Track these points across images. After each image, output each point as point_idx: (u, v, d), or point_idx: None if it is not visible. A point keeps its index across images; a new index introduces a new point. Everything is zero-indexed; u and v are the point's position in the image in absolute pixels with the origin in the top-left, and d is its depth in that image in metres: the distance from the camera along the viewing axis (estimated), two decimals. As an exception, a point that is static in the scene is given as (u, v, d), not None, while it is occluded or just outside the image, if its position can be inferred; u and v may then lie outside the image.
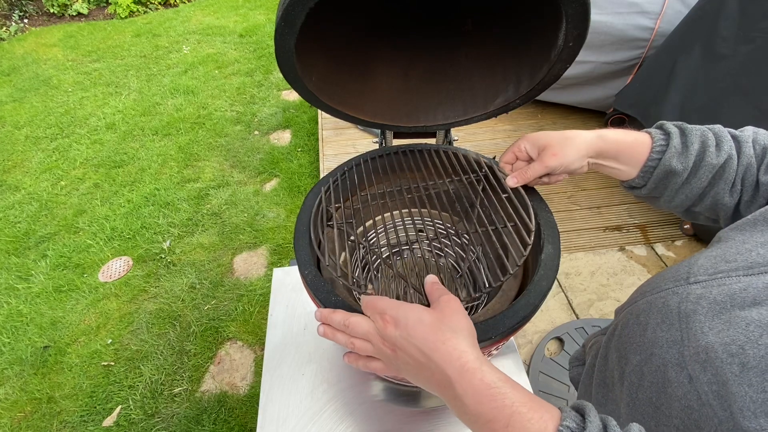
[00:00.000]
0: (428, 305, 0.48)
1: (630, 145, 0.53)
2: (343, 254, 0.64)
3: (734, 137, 0.50)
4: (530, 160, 0.59)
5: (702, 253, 0.43)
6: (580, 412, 0.32)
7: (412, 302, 0.42)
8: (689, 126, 0.51)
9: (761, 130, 0.50)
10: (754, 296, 0.34)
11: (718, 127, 0.52)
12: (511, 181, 0.58)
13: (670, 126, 0.52)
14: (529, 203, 0.57)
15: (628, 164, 0.54)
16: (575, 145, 0.54)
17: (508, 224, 0.56)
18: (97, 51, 3.83)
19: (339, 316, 0.44)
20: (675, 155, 0.50)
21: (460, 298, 0.44)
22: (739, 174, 0.49)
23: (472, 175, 0.64)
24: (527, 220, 0.54)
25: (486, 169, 0.64)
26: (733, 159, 0.49)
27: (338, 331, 0.44)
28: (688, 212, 0.55)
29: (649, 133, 0.53)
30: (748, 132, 0.50)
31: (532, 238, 0.52)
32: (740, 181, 0.49)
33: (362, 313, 0.44)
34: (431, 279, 0.46)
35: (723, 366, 0.33)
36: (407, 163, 0.71)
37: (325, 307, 0.48)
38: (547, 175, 0.58)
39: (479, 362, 0.35)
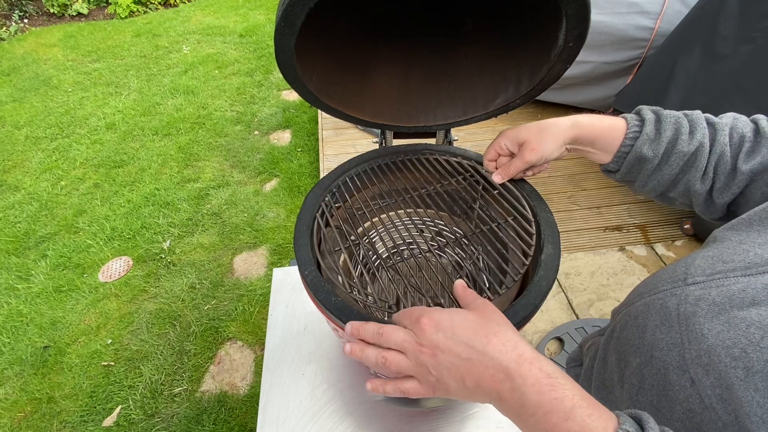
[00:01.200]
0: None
1: (605, 131, 0.53)
2: (343, 255, 0.64)
3: (710, 124, 0.50)
4: (512, 155, 0.60)
5: (698, 254, 0.43)
6: (638, 420, 0.30)
7: (412, 302, 0.42)
8: (665, 112, 0.52)
9: (741, 117, 0.50)
10: (752, 297, 0.34)
11: (696, 113, 0.51)
12: (497, 178, 0.60)
13: (647, 112, 0.53)
14: (520, 195, 0.58)
15: (603, 149, 0.54)
16: (551, 136, 0.54)
17: (509, 218, 0.56)
18: (97, 51, 3.83)
19: (372, 326, 0.41)
20: (647, 142, 0.51)
21: None
22: (711, 162, 0.49)
23: (467, 175, 0.65)
24: (524, 212, 0.55)
25: (471, 170, 0.64)
26: (705, 147, 0.49)
27: (368, 346, 0.40)
28: (662, 197, 0.56)
29: (625, 119, 0.54)
30: (727, 119, 0.50)
31: (534, 228, 0.53)
32: (713, 169, 0.49)
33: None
34: (461, 283, 0.45)
35: (727, 370, 0.33)
36: (404, 166, 0.71)
37: (326, 309, 0.48)
38: (531, 167, 0.59)
39: (535, 353, 0.34)
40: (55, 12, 4.44)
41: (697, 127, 0.49)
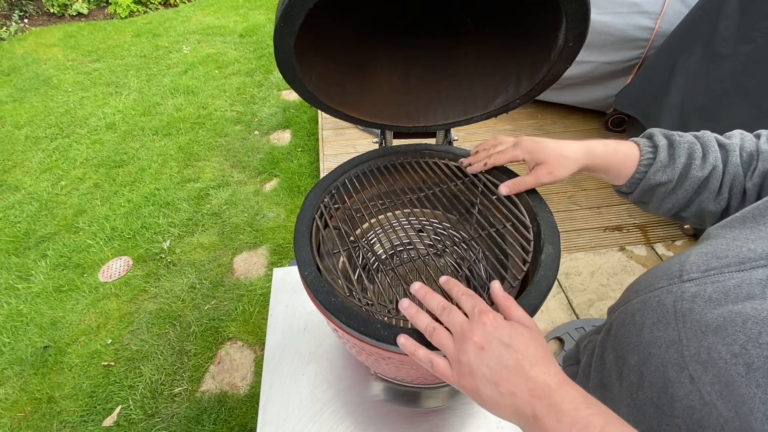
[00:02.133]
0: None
1: (619, 161, 0.53)
2: (342, 257, 0.64)
3: (722, 146, 0.50)
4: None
5: (692, 250, 0.43)
6: None
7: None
8: (678, 137, 0.52)
9: (747, 136, 0.50)
10: (747, 291, 0.34)
11: (706, 135, 0.52)
12: (504, 190, 0.59)
13: (660, 138, 0.53)
14: (518, 201, 0.58)
15: (617, 176, 0.55)
16: (568, 164, 0.54)
17: (507, 224, 0.56)
18: (97, 51, 3.83)
19: (439, 297, 0.42)
20: (660, 169, 0.51)
21: None
22: (725, 183, 0.49)
23: (465, 180, 0.65)
24: (522, 218, 0.55)
25: (470, 175, 0.64)
26: (718, 170, 0.49)
27: (423, 312, 0.42)
28: (676, 216, 0.56)
29: (638, 145, 0.53)
30: (736, 139, 0.50)
31: (532, 234, 0.53)
32: (727, 190, 0.49)
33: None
34: (499, 288, 0.43)
35: (727, 366, 0.33)
36: (403, 168, 0.71)
37: (326, 309, 0.48)
38: None
39: (571, 381, 0.35)
40: (55, 12, 4.44)
41: (709, 151, 0.50)
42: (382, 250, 0.73)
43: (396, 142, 0.78)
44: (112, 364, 1.63)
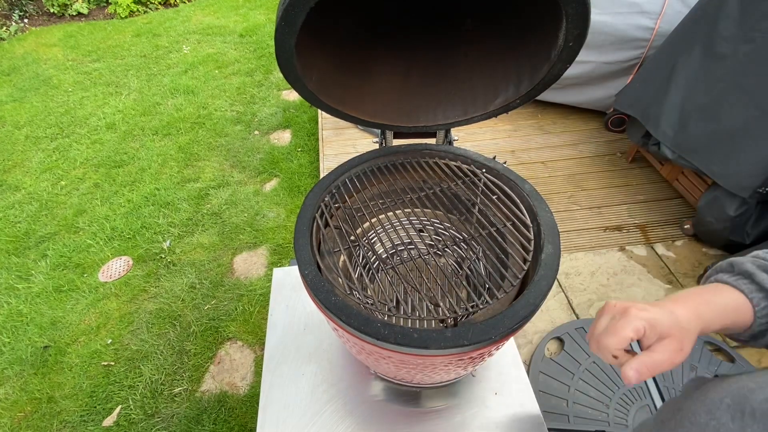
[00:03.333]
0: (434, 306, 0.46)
1: (733, 319, 0.48)
2: (342, 256, 0.64)
3: None
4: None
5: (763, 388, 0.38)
6: None
7: (413, 304, 0.42)
8: None
9: None
10: None
11: None
12: (633, 376, 0.44)
13: (760, 275, 0.48)
14: (519, 201, 0.58)
15: (735, 331, 0.51)
16: (691, 337, 0.47)
17: (507, 223, 0.56)
18: (97, 51, 3.83)
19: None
20: None
21: (459, 297, 0.43)
22: None
23: (466, 179, 0.65)
24: (523, 217, 0.55)
25: (470, 174, 0.64)
26: None
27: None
28: None
29: (746, 296, 0.48)
30: None
31: (533, 233, 0.53)
32: None
33: None
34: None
35: None
36: (403, 168, 0.71)
37: (326, 308, 0.48)
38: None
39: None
40: (55, 12, 4.44)
41: None
42: (382, 249, 0.73)
43: (396, 142, 0.78)
44: (112, 364, 1.63)
